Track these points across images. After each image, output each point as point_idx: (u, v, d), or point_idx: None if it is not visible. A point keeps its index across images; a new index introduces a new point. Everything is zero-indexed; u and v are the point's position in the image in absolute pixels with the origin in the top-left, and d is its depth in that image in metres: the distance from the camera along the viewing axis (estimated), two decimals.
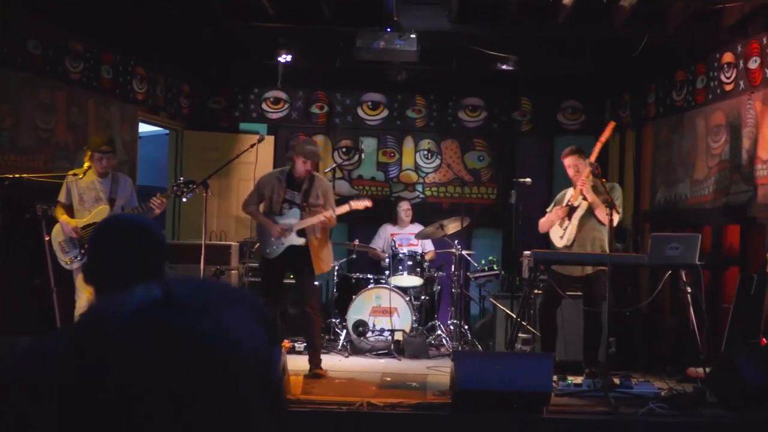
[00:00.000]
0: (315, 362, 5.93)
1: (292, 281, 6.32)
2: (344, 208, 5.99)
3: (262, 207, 6.06)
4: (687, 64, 7.27)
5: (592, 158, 5.53)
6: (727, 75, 6.62)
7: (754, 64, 6.19)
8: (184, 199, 5.54)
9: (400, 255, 7.26)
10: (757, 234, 6.11)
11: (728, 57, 6.66)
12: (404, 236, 7.98)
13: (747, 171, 6.27)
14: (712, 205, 6.75)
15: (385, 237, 8.18)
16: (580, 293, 5.83)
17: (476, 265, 7.54)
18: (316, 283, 6.74)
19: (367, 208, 6.04)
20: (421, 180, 9.21)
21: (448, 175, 9.06)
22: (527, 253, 6.38)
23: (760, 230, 6.01)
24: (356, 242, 7.72)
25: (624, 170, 8.69)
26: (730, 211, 6.46)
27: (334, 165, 8.37)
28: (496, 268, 7.30)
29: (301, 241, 5.84)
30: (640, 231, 8.16)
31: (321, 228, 5.95)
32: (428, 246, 8.05)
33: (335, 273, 7.50)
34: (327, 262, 6.06)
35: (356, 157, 9.04)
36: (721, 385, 4.80)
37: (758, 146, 6.10)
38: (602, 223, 5.66)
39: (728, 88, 6.64)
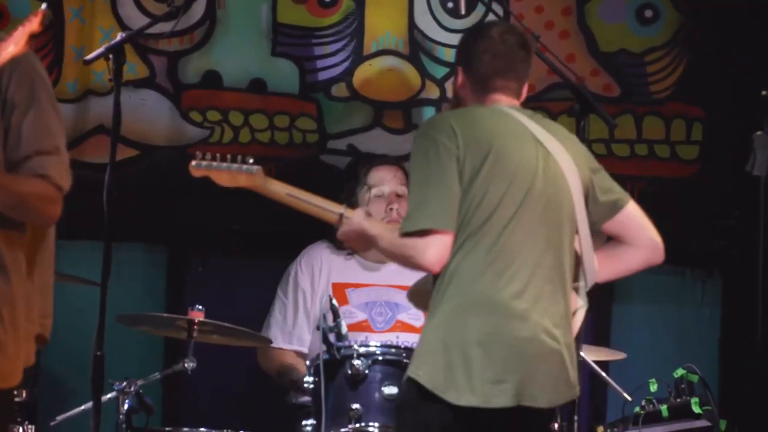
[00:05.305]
0: None
1: None
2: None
3: None
4: None
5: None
6: None
7: None
8: None
9: (361, 351, 4.79)
10: None
11: None
12: (375, 292, 5.46)
13: None
14: None
15: (314, 293, 5.59)
16: None
17: (628, 398, 5.41)
18: None
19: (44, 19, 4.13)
20: (438, 90, 5.98)
21: (537, 72, 6.26)
22: None
23: None
24: (198, 314, 4.81)
25: None
26: None
27: (122, 36, 6.36)
28: (696, 407, 5.21)
29: None
30: None
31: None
32: None
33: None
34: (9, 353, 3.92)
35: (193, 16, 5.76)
36: None
37: None
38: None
39: None
